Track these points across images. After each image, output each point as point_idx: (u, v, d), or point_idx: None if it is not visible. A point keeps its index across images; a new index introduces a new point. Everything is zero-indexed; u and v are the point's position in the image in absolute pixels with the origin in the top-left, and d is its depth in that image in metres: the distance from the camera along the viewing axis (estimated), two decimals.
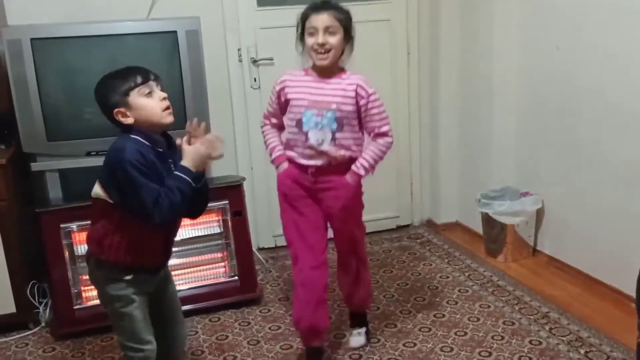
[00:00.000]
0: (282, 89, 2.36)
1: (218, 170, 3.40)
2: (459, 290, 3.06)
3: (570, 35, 3.00)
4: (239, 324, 2.84)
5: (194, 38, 2.86)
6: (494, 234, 3.39)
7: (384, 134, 2.33)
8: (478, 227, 3.59)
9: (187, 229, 2.94)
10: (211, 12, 3.29)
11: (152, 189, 1.80)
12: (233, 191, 2.98)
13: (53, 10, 2.99)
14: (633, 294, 1.92)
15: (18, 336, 2.79)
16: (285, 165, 2.39)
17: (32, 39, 2.64)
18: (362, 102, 2.28)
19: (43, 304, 2.90)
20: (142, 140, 1.87)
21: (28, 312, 2.82)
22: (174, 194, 1.81)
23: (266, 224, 3.67)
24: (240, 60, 3.44)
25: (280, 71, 3.41)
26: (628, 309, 2.76)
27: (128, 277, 1.97)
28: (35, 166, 2.81)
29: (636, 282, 1.85)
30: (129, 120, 1.86)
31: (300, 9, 3.61)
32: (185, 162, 1.87)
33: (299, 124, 2.29)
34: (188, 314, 2.88)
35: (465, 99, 3.71)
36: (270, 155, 2.42)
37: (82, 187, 2.12)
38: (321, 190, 2.36)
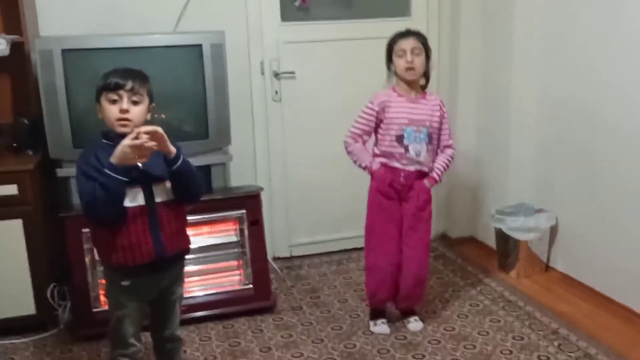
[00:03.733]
0: (383, 108, 2.68)
1: (237, 180, 3.48)
2: (470, 304, 3.09)
3: (590, 57, 3.03)
4: (252, 332, 2.89)
5: (219, 52, 2.93)
6: (507, 250, 3.42)
7: (451, 146, 2.80)
8: (492, 242, 3.62)
9: (204, 237, 3.01)
10: (236, 24, 3.37)
11: (89, 191, 1.90)
12: (250, 200, 3.04)
13: (84, 21, 3.11)
14: None
15: (37, 337, 2.84)
16: (382, 170, 2.73)
17: (62, 50, 2.74)
18: (440, 118, 2.74)
19: (62, 306, 2.94)
20: (107, 143, 1.98)
21: (47, 313, 2.87)
22: (97, 190, 1.88)
23: (282, 234, 3.72)
24: (263, 73, 3.51)
25: (302, 85, 3.55)
26: (639, 328, 2.78)
27: (125, 283, 2.04)
28: (60, 172, 2.89)
29: None
30: (100, 116, 2.01)
31: (322, 24, 3.69)
32: (112, 157, 1.91)
33: (399, 138, 2.67)
34: (202, 320, 2.96)
35: (482, 115, 3.75)
36: (368, 166, 2.74)
37: None
38: (407, 191, 2.74)
